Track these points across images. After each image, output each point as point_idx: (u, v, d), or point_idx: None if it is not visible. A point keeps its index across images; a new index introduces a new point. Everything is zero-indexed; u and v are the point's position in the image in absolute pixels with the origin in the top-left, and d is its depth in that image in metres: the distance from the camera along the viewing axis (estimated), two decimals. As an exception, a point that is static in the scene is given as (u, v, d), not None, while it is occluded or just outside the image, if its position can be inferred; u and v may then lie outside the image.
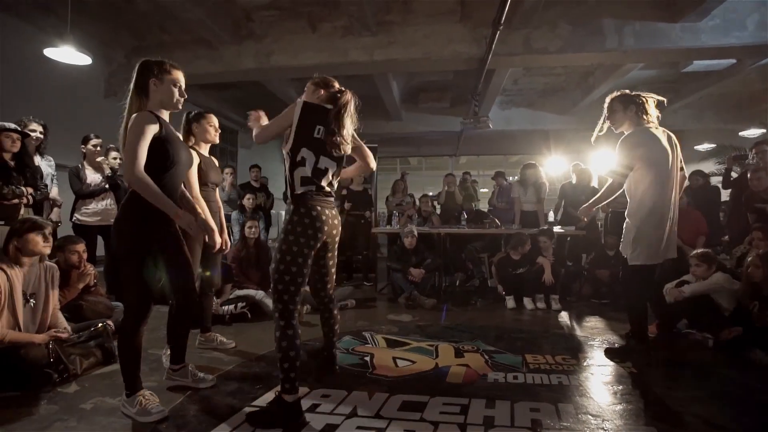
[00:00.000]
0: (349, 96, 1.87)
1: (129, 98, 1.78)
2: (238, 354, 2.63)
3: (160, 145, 1.73)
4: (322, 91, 1.93)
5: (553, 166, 9.29)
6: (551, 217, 6.05)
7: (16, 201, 2.93)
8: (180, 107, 1.87)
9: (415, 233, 4.52)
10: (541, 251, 4.32)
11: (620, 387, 2.19)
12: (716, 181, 5.69)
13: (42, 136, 3.42)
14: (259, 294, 3.71)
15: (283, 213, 2.01)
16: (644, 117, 2.53)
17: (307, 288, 3.91)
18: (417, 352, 2.71)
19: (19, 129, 3.02)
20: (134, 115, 1.72)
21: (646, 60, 6.40)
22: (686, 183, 2.83)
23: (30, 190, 3.01)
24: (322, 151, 1.79)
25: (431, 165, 14.71)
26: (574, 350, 2.78)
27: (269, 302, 3.63)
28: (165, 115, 1.84)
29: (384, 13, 5.65)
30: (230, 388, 2.10)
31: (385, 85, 7.61)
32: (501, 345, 2.85)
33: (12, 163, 2.98)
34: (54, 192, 3.50)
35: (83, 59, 4.55)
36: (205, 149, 2.63)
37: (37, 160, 3.33)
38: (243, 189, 5.90)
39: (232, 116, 9.67)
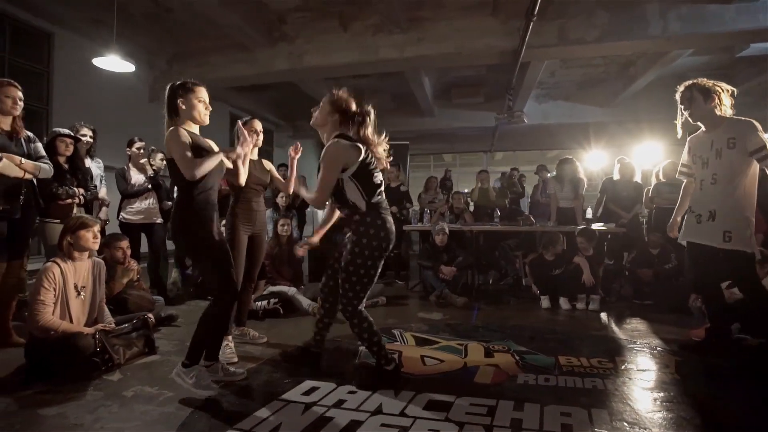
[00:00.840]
0: (368, 119, 2.09)
1: (165, 121, 2.02)
2: (270, 348, 2.70)
3: (192, 152, 1.95)
4: (338, 116, 2.07)
5: (594, 161, 8.92)
6: (590, 213, 5.80)
7: (69, 201, 3.14)
8: (207, 120, 2.07)
9: (447, 231, 4.47)
10: (579, 250, 4.15)
11: (661, 394, 2.07)
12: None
13: (92, 140, 3.65)
14: (291, 290, 3.79)
15: (318, 211, 2.22)
16: (722, 108, 2.48)
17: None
18: (446, 351, 2.68)
19: (72, 134, 3.25)
20: (169, 131, 1.94)
21: (694, 46, 5.99)
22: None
23: (81, 190, 3.22)
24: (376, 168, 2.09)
25: (465, 161, 14.51)
26: (611, 353, 2.65)
27: (301, 298, 3.71)
28: (194, 128, 2.07)
29: (415, 10, 5.60)
30: (260, 381, 2.16)
31: (417, 81, 7.57)
32: (533, 346, 2.77)
33: (66, 166, 3.20)
34: (102, 192, 3.74)
35: (127, 67, 4.82)
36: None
37: (88, 162, 3.56)
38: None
39: (268, 117, 9.95)
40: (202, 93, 2.05)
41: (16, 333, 2.65)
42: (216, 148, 2.14)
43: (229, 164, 2.14)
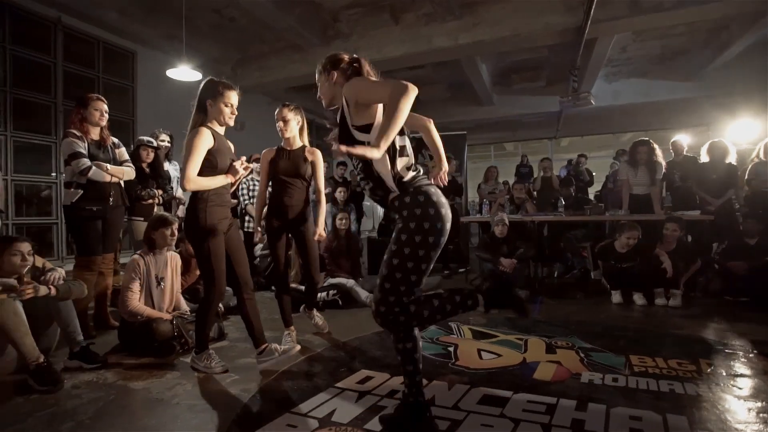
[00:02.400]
0: (363, 63, 1.63)
1: (192, 113, 2.12)
2: (328, 338, 2.79)
3: (212, 156, 2.07)
4: (335, 73, 1.65)
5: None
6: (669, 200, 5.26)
7: (150, 201, 3.50)
8: (231, 123, 2.15)
9: (506, 221, 4.30)
10: (662, 240, 3.75)
11: (759, 404, 1.81)
12: None
13: (170, 145, 4.02)
14: (350, 282, 3.88)
15: (378, 205, 1.99)
16: None
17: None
18: (504, 345, 2.59)
19: (153, 143, 3.61)
20: (192, 131, 2.04)
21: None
22: None
23: (160, 192, 3.58)
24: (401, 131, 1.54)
25: (529, 149, 13.84)
26: (694, 354, 2.39)
27: (359, 290, 3.79)
28: (219, 128, 2.14)
29: (467, -6, 5.43)
30: (318, 369, 2.24)
31: (473, 69, 7.34)
32: (601, 343, 2.58)
33: (147, 170, 3.57)
34: (179, 192, 4.09)
35: (196, 76, 5.20)
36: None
37: (166, 165, 3.92)
38: (334, 183, 6.23)
39: (326, 113, 10.21)
40: (231, 97, 2.10)
41: (112, 317, 3.02)
42: (233, 150, 2.25)
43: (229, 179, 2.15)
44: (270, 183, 2.69)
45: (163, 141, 3.93)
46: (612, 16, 5.00)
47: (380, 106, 1.50)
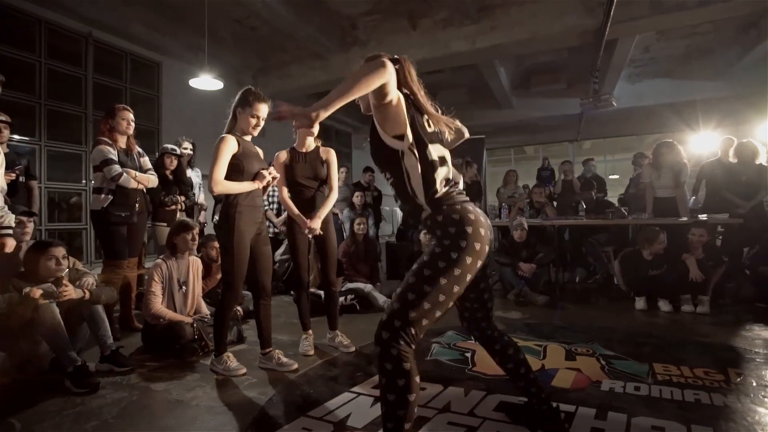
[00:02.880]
0: (406, 61, 1.51)
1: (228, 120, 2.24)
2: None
3: (238, 161, 2.16)
4: None
5: (702, 143, 7.79)
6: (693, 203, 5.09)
7: (173, 207, 3.61)
8: (255, 134, 2.25)
9: (525, 226, 4.25)
10: (689, 245, 3.63)
11: (789, 414, 1.74)
12: None
13: (192, 152, 4.14)
14: (367, 287, 3.89)
15: (397, 210, 1.91)
16: None
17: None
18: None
19: (177, 151, 3.73)
20: (219, 138, 2.14)
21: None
22: None
23: (183, 198, 3.69)
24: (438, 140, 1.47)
25: (550, 153, 13.62)
26: (722, 363, 2.30)
27: (377, 295, 3.80)
28: (246, 136, 2.24)
29: (484, -1, 5.41)
30: (334, 372, 2.26)
31: (491, 72, 7.30)
32: (623, 350, 2.51)
33: (171, 177, 3.69)
34: (201, 198, 4.20)
35: (217, 85, 5.35)
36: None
37: (189, 171, 4.04)
38: (355, 187, 6.28)
39: (346, 120, 10.33)
40: (260, 109, 2.18)
41: (136, 320, 3.12)
42: (261, 156, 2.32)
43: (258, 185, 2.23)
44: (287, 186, 2.64)
45: (186, 149, 4.06)
46: (633, 17, 4.91)
47: (405, 117, 1.36)
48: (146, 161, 3.12)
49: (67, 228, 5.46)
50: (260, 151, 2.37)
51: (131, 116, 2.98)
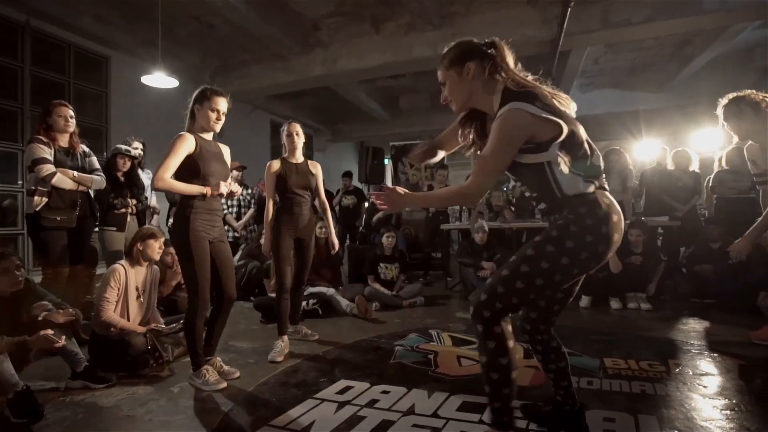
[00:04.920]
0: (502, 45, 1.39)
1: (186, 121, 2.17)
2: (308, 348, 2.76)
3: (193, 161, 2.07)
4: (472, 66, 1.37)
5: (643, 151, 8.35)
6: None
7: (123, 211, 3.41)
8: (217, 129, 2.17)
9: (486, 228, 4.37)
10: (630, 245, 3.88)
11: (722, 401, 1.89)
12: None
13: (142, 153, 3.93)
14: (330, 291, 3.86)
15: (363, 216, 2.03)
16: None
17: (386, 291, 4.02)
18: (483, 352, 2.61)
19: (131, 152, 3.52)
20: (178, 134, 2.07)
21: (761, 17, 5.43)
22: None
23: (134, 201, 3.49)
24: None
25: (507, 157, 14.12)
26: (664, 356, 2.47)
27: (340, 299, 3.77)
28: (207, 134, 2.17)
29: (446, 6, 5.53)
30: (297, 379, 2.22)
31: (452, 78, 7.46)
32: (576, 347, 2.63)
33: (122, 179, 3.48)
34: (153, 201, 4.00)
35: (172, 83, 5.13)
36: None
37: (139, 173, 3.83)
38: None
39: (307, 122, 10.20)
40: (219, 103, 2.12)
41: (82, 331, 2.90)
42: (227, 155, 2.27)
43: (223, 190, 2.14)
44: (278, 195, 2.76)
45: (135, 149, 3.84)
46: (584, 29, 5.19)
47: (552, 120, 1.27)
48: (93, 161, 2.94)
49: (1, 233, 5.03)
50: (225, 150, 2.29)
51: (70, 113, 2.78)
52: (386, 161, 8.01)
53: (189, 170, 2.08)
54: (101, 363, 2.37)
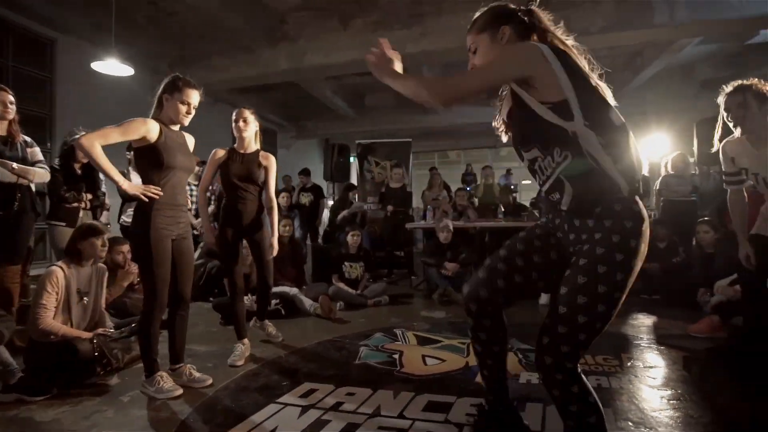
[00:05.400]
0: (539, 12, 1.27)
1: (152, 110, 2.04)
2: (270, 350, 2.68)
3: (156, 150, 1.95)
4: (507, 30, 1.24)
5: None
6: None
7: (76, 205, 3.18)
8: (185, 123, 2.06)
9: (451, 228, 4.42)
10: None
11: (668, 391, 2.01)
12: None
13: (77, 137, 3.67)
14: (293, 291, 3.78)
15: (324, 211, 1.83)
16: None
17: (350, 290, 3.97)
18: (448, 350, 2.64)
19: None
20: (142, 118, 1.94)
21: (703, 33, 5.84)
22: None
23: (89, 196, 3.27)
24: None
25: (471, 158, 14.41)
26: (617, 350, 2.59)
27: (303, 299, 3.69)
28: (173, 126, 2.06)
29: (416, 5, 5.54)
30: (258, 383, 2.14)
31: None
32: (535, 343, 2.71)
33: (79, 172, 3.25)
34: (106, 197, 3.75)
35: (127, 71, 4.84)
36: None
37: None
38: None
39: (272, 117, 9.96)
40: (191, 96, 2.02)
41: (18, 338, 2.66)
42: (191, 146, 2.17)
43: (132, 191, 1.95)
44: (222, 188, 2.63)
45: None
46: (546, 36, 5.36)
47: (561, 77, 1.12)
48: (36, 152, 2.71)
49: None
50: (190, 140, 2.18)
51: (10, 98, 2.56)
52: (352, 159, 7.95)
53: (150, 160, 1.97)
54: (40, 372, 2.18)
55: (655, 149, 7.72)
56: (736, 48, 6.86)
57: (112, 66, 4.75)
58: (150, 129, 1.93)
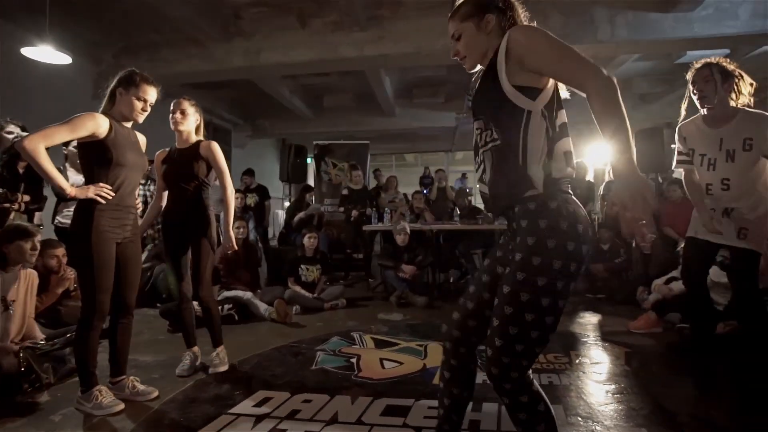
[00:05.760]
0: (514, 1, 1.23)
1: (103, 103, 1.92)
2: (222, 358, 2.55)
3: (105, 147, 1.82)
4: (492, 18, 1.20)
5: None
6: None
7: (7, 206, 2.89)
8: (140, 120, 1.95)
9: (408, 230, 4.45)
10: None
11: (613, 386, 2.13)
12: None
13: (20, 138, 3.35)
14: (246, 295, 3.64)
15: (279, 212, 1.65)
16: (738, 97, 2.09)
17: (307, 293, 3.88)
18: (405, 353, 2.64)
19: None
20: (89, 112, 1.80)
21: (639, 51, 6.31)
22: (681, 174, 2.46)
23: (26, 197, 2.98)
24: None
25: (427, 161, 14.66)
26: (566, 348, 2.72)
27: (258, 303, 3.57)
28: (126, 123, 1.94)
29: (374, 8, 5.55)
30: (208, 394, 2.03)
31: (377, 80, 7.52)
32: (492, 344, 2.79)
33: (21, 171, 2.96)
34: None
35: (63, 59, 4.47)
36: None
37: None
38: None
39: (225, 115, 9.59)
40: (147, 92, 1.91)
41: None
42: (143, 146, 2.04)
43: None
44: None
45: (10, 133, 3.27)
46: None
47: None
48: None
49: None
50: (142, 139, 2.04)
51: None
52: (309, 160, 7.83)
53: (98, 157, 1.83)
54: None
55: (599, 156, 8.23)
56: (667, 66, 7.46)
57: (46, 53, 4.36)
58: (99, 124, 1.79)
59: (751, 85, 2.10)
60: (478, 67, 1.26)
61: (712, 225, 2.22)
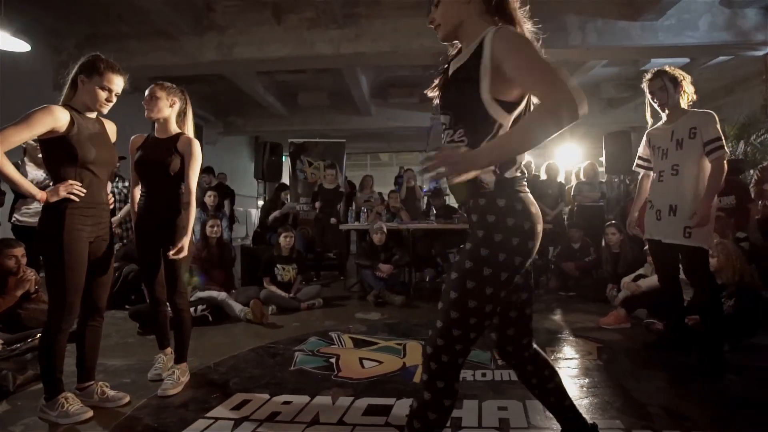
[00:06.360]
0: None
1: (65, 90, 1.78)
2: (195, 359, 2.47)
3: (67, 143, 1.71)
4: None
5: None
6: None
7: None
8: (104, 111, 1.82)
9: (384, 229, 4.45)
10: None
11: (587, 380, 2.20)
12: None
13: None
14: (221, 295, 3.55)
15: (252, 211, 1.54)
16: (687, 97, 2.35)
17: (283, 293, 3.82)
18: (384, 352, 2.64)
19: None
20: (45, 106, 1.67)
21: (608, 57, 6.56)
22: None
23: None
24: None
25: (402, 161, 14.73)
26: (542, 344, 2.72)
27: (232, 304, 3.49)
28: (89, 113, 1.82)
29: (351, 6, 5.52)
30: (183, 397, 1.96)
31: (353, 79, 7.49)
32: (470, 341, 2.82)
33: None
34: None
35: (21, 46, 4.22)
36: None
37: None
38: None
39: (197, 111, 9.29)
40: (112, 80, 1.77)
41: None
42: (113, 135, 1.92)
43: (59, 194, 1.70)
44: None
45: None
46: (476, 47, 5.65)
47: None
48: None
49: None
50: (111, 127, 1.91)
51: None
52: (284, 158, 7.70)
53: (63, 156, 1.71)
54: None
55: (569, 159, 8.50)
56: (633, 72, 7.79)
57: (3, 39, 4.10)
58: (58, 118, 1.66)
59: (691, 82, 2.38)
60: (453, 52, 1.31)
61: (632, 225, 2.64)
